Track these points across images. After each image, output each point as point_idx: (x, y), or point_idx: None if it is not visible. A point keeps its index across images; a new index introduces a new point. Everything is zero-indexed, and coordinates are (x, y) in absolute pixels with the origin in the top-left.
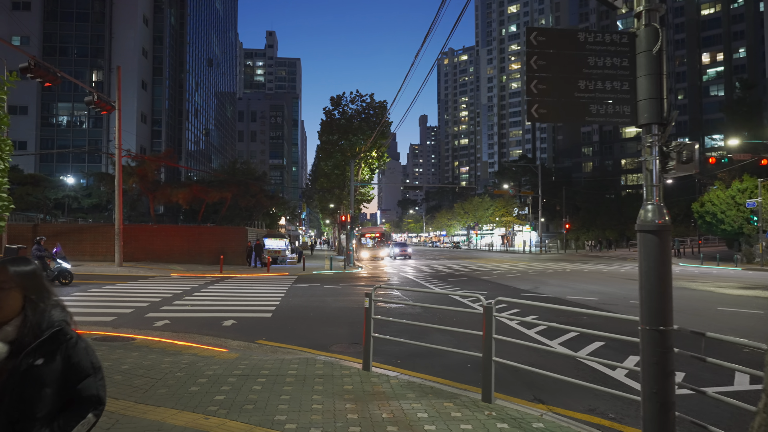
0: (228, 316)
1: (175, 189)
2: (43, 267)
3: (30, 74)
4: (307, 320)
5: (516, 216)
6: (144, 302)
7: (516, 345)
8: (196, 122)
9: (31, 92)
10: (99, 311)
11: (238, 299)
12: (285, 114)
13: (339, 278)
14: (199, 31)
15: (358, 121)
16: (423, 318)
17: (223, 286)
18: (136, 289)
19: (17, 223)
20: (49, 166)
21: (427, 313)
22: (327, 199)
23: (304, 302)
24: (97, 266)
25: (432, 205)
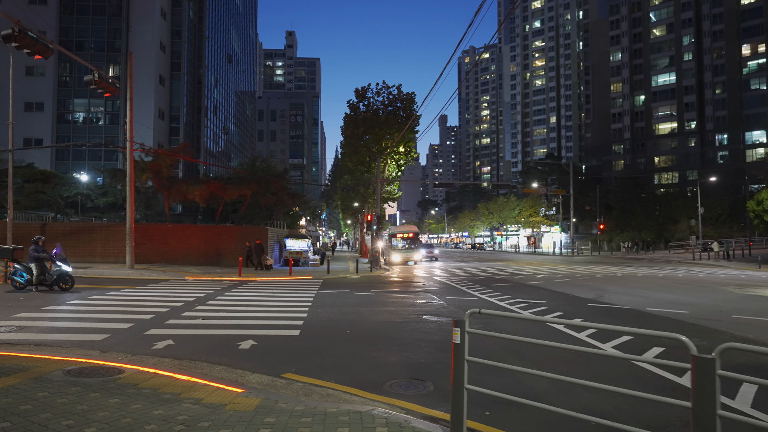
0: (246, 333)
1: (192, 186)
2: (41, 270)
3: (14, 43)
4: (345, 340)
5: (544, 216)
6: (148, 314)
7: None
8: (215, 119)
9: (48, 89)
10: (91, 326)
11: (258, 309)
12: (305, 113)
13: (368, 283)
14: (218, 26)
15: (385, 114)
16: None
17: (241, 293)
18: (143, 296)
19: (26, 222)
20: (65, 164)
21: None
22: (350, 198)
23: (336, 314)
24: (107, 268)
25: (453, 206)
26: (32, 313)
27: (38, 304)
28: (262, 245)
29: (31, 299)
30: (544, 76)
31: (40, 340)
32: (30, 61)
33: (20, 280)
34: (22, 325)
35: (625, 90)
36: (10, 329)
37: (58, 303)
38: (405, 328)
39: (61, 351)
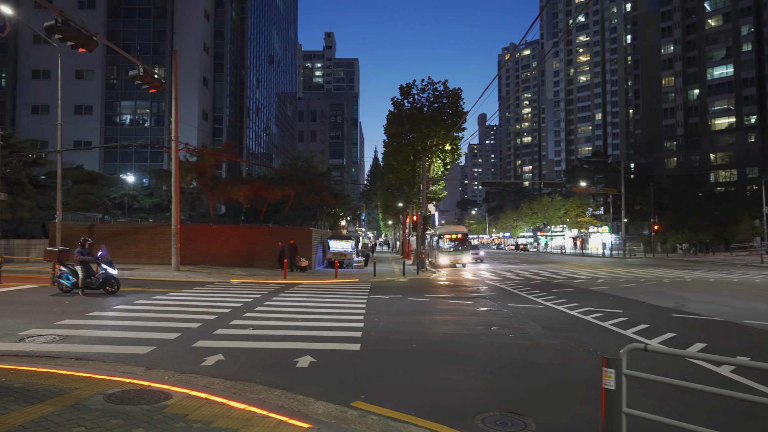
0: (302, 347)
1: (236, 186)
2: (87, 273)
3: (58, 35)
4: (412, 357)
5: (592, 216)
6: (195, 321)
7: None
8: (257, 120)
9: (96, 92)
10: (136, 336)
11: (310, 318)
12: (344, 113)
13: (419, 287)
14: (260, 27)
15: (430, 110)
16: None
17: (290, 297)
18: (189, 300)
19: (74, 223)
20: (113, 165)
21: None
22: (393, 197)
23: (394, 324)
24: (153, 270)
25: (493, 206)
26: (76, 319)
27: (83, 309)
28: (296, 245)
29: (77, 303)
30: (588, 71)
31: (81, 353)
32: (79, 65)
33: (66, 283)
34: (65, 334)
35: (678, 84)
36: (52, 339)
37: (103, 308)
38: (476, 343)
39: (104, 367)
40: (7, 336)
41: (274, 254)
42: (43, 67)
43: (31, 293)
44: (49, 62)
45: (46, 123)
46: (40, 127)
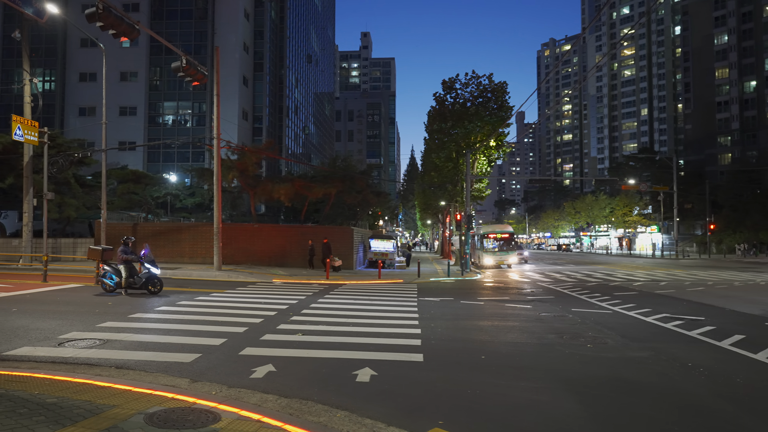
0: (359, 357)
1: (277, 184)
2: (130, 272)
3: (99, 22)
4: (485, 370)
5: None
6: (240, 325)
7: None
8: (295, 119)
9: (140, 93)
10: (179, 341)
11: (361, 322)
12: (382, 112)
13: (467, 289)
14: (298, 26)
15: (474, 105)
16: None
17: (335, 299)
18: (233, 301)
19: (118, 222)
20: (156, 165)
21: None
22: (435, 196)
23: (454, 331)
24: (195, 269)
25: (532, 205)
26: (118, 321)
27: (125, 310)
28: (329, 244)
29: (119, 304)
30: (633, 65)
31: (122, 361)
32: (124, 67)
33: (110, 282)
34: (106, 338)
35: (733, 76)
36: (93, 344)
37: (145, 309)
38: (552, 355)
39: (145, 378)
40: (46, 339)
41: (316, 253)
42: (90, 70)
43: (75, 293)
44: (96, 65)
45: (92, 124)
46: (87, 128)
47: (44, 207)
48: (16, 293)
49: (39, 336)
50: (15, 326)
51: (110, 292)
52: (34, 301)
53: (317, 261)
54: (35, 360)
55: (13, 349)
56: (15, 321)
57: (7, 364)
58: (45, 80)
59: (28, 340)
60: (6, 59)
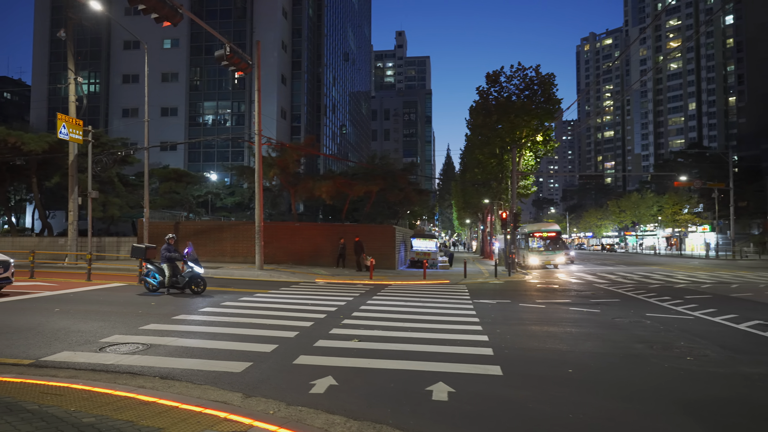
0: (428, 369)
1: (318, 182)
2: (173, 271)
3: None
4: (578, 388)
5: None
6: (290, 329)
7: None
8: (333, 118)
9: (180, 94)
10: (227, 347)
11: (420, 327)
12: (418, 110)
13: (520, 290)
14: (335, 24)
15: (520, 99)
16: None
17: (385, 301)
18: (279, 303)
19: (160, 221)
20: (196, 165)
21: None
22: (478, 194)
23: (524, 338)
24: (237, 268)
25: (571, 204)
26: (162, 324)
27: (169, 311)
28: (362, 243)
29: (163, 305)
30: (680, 58)
31: (167, 370)
32: (165, 68)
33: (153, 281)
34: (149, 342)
35: None
36: (136, 349)
37: (189, 311)
38: (649, 370)
39: (193, 392)
40: (87, 343)
41: (348, 253)
42: (133, 72)
43: (118, 292)
44: (138, 67)
45: (135, 125)
46: (130, 129)
47: (89, 206)
48: (60, 292)
49: (79, 339)
50: (56, 328)
51: (153, 291)
52: (77, 300)
53: (348, 259)
54: (74, 367)
55: (52, 354)
56: (56, 322)
57: (44, 372)
58: (90, 82)
59: (68, 344)
60: (53, 63)
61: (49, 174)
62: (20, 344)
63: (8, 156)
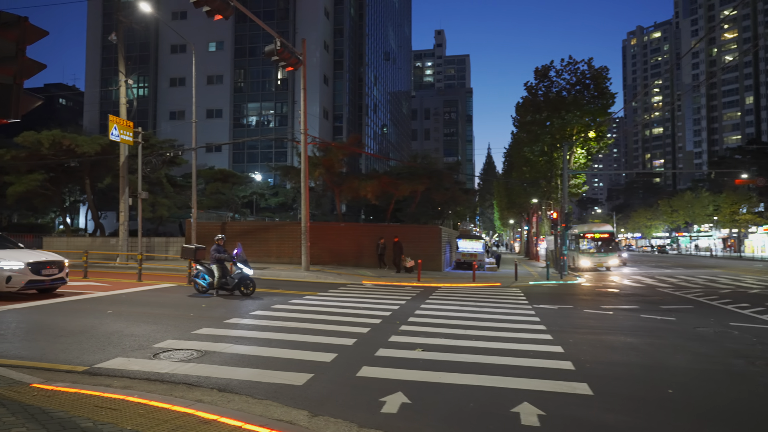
0: (508, 385)
1: (363, 182)
2: (222, 273)
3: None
4: (682, 411)
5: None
6: (347, 336)
7: None
8: (374, 118)
9: (225, 96)
10: (285, 356)
11: (483, 335)
12: (459, 109)
13: (580, 295)
14: (377, 23)
15: (572, 94)
16: None
17: (439, 305)
18: (330, 306)
19: (207, 221)
20: (240, 166)
21: None
22: (526, 193)
23: (602, 349)
24: (283, 269)
25: (617, 204)
26: (214, 328)
27: (220, 314)
28: (401, 244)
29: (213, 307)
30: (736, 50)
31: (224, 381)
32: (210, 71)
33: (202, 283)
34: (204, 348)
35: None
36: (190, 355)
37: (241, 314)
38: (760, 391)
39: (255, 408)
40: (141, 348)
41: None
42: (179, 75)
43: (168, 293)
44: (184, 70)
45: (182, 127)
46: (177, 131)
47: (139, 206)
48: (112, 293)
49: (133, 344)
50: (109, 331)
51: (203, 292)
52: (129, 302)
53: (388, 260)
54: (128, 376)
55: (106, 360)
56: (109, 325)
57: (98, 381)
58: (139, 86)
59: (122, 349)
60: (105, 68)
61: (101, 176)
62: (74, 348)
63: (63, 158)
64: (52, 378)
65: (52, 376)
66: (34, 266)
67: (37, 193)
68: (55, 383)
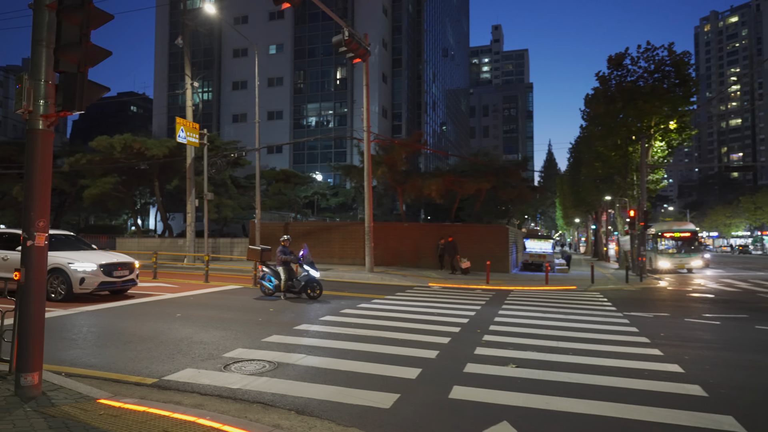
0: (634, 416)
1: (427, 180)
2: (289, 275)
3: None
4: None
5: None
6: (427, 347)
7: None
8: (433, 116)
9: (285, 98)
10: (363, 370)
11: (580, 347)
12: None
13: (672, 301)
14: (435, 19)
15: (649, 83)
16: None
17: (517, 311)
18: (401, 310)
19: (269, 222)
20: (300, 167)
21: None
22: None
23: (730, 369)
24: (346, 271)
25: (690, 201)
26: (285, 335)
27: (289, 319)
28: (455, 243)
29: (281, 311)
30: None
31: (303, 401)
32: (271, 73)
33: (269, 285)
34: (276, 360)
35: None
36: (262, 368)
37: (310, 319)
38: None
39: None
40: (211, 358)
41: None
42: (241, 79)
43: (235, 295)
44: (246, 73)
45: (244, 130)
46: (240, 134)
47: (205, 207)
48: (180, 295)
49: (202, 353)
50: (178, 337)
51: (269, 295)
52: (197, 304)
53: (448, 261)
54: (199, 391)
55: (175, 372)
56: (178, 330)
57: (168, 397)
58: (203, 91)
59: (192, 359)
60: (172, 74)
61: (168, 178)
62: (143, 357)
63: (134, 161)
64: (120, 392)
65: (120, 389)
66: (106, 268)
67: (110, 196)
68: (123, 398)
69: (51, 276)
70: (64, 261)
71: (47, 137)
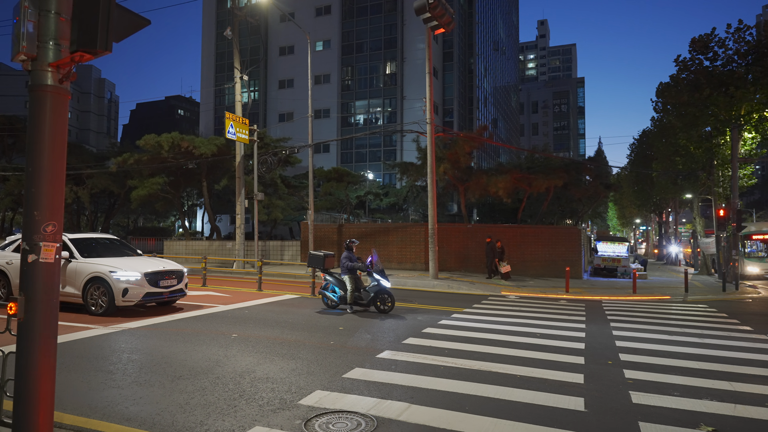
0: None
1: (492, 177)
2: (356, 285)
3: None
4: None
5: None
6: (560, 388)
7: None
8: (485, 111)
9: (333, 95)
10: (494, 428)
11: (760, 391)
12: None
13: None
14: (486, 11)
15: (743, 65)
16: None
17: (633, 331)
18: (491, 329)
19: (321, 223)
20: (348, 166)
21: None
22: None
23: None
24: (408, 277)
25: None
26: (369, 368)
27: (366, 343)
28: (493, 245)
29: (353, 331)
30: None
31: None
32: (317, 71)
33: (333, 297)
34: (372, 413)
35: None
36: (356, 427)
37: (390, 343)
38: None
39: None
40: (283, 407)
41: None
42: (288, 77)
43: (294, 307)
44: (293, 71)
45: (290, 129)
46: (286, 132)
47: (255, 208)
48: (233, 307)
49: (272, 398)
50: (238, 371)
51: (333, 307)
52: (254, 320)
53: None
54: None
55: (239, 428)
56: (237, 359)
57: None
58: (250, 90)
59: (259, 408)
60: (218, 75)
61: (217, 178)
62: (196, 403)
63: (181, 160)
64: None
65: None
66: (152, 277)
67: (158, 197)
68: None
69: (91, 286)
70: (106, 269)
71: (60, 98)
